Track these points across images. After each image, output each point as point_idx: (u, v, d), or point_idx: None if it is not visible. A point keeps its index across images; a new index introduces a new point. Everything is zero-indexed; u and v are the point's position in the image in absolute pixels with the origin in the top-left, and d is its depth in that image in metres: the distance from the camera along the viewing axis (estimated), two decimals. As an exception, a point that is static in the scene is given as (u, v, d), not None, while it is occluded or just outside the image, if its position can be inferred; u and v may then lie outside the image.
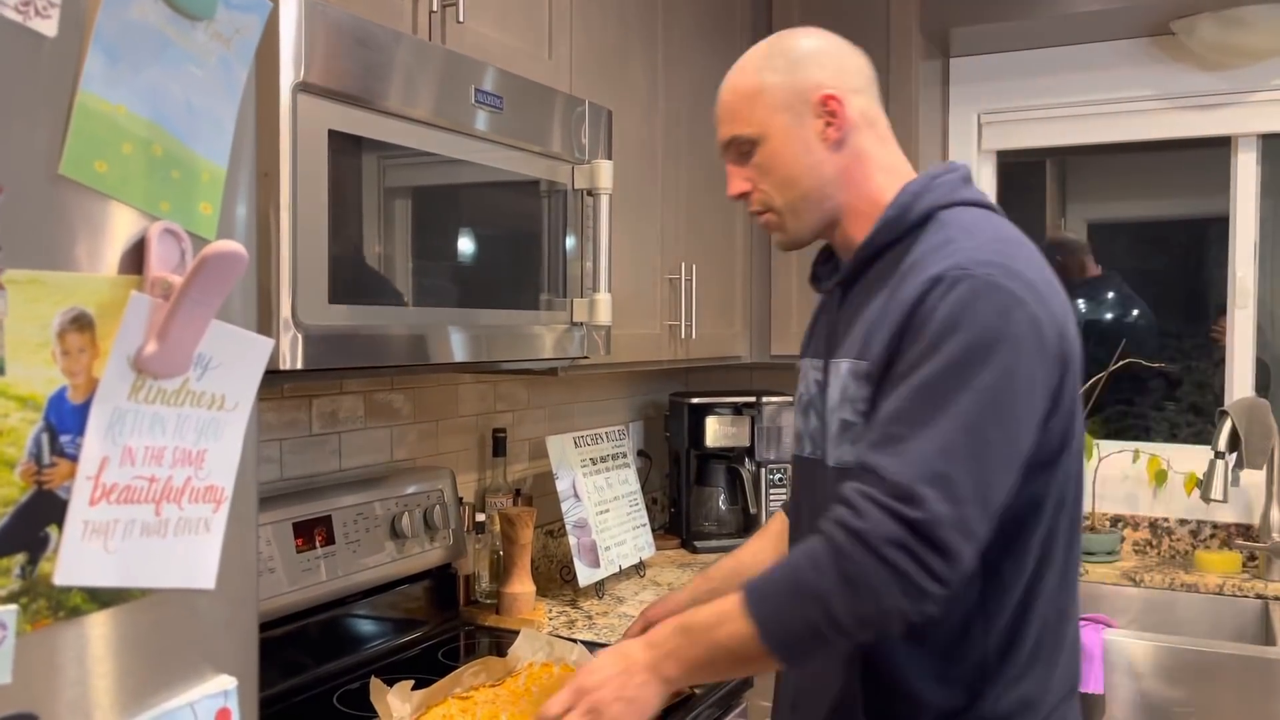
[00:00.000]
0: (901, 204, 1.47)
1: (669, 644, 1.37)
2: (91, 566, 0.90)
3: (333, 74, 1.49)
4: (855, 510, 1.27)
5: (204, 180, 0.97)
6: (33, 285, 0.83)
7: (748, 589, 1.33)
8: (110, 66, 0.87)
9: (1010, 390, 1.29)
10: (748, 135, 1.52)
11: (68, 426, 0.87)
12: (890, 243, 1.48)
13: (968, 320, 1.29)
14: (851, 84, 1.52)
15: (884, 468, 1.28)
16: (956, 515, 1.25)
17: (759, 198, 1.55)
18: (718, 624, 1.33)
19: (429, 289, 1.71)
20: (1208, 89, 3.18)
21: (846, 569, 1.25)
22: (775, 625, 1.29)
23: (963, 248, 1.37)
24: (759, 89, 1.51)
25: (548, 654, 2.02)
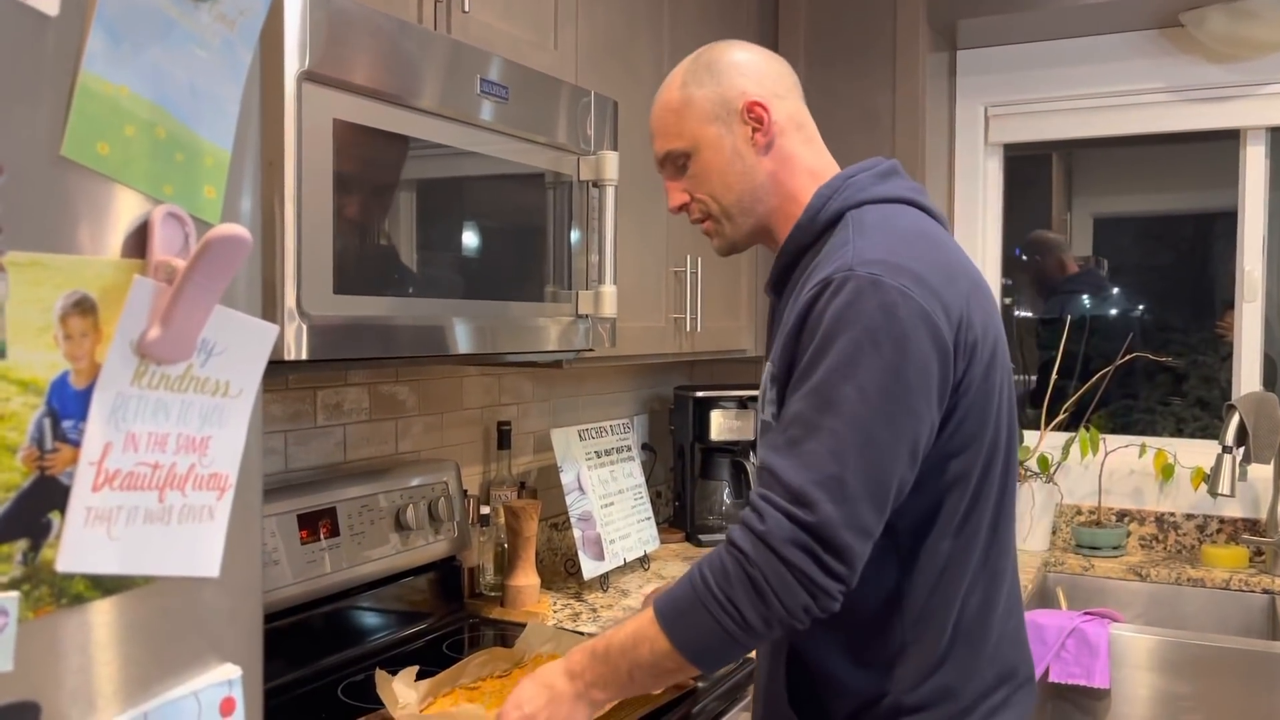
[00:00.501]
0: (812, 207, 1.53)
1: (590, 672, 1.43)
2: (94, 553, 0.89)
3: (338, 63, 1.48)
4: (758, 513, 1.32)
5: (208, 164, 0.96)
6: (34, 268, 0.82)
7: (659, 606, 1.37)
8: (112, 47, 0.86)
9: (898, 386, 1.32)
10: (680, 149, 1.57)
11: (70, 411, 0.86)
12: (805, 247, 1.53)
13: (851, 320, 1.33)
14: (775, 89, 1.56)
15: (780, 471, 1.33)
16: (848, 514, 1.30)
17: (697, 207, 1.60)
18: (634, 645, 1.38)
19: (434, 280, 1.70)
20: (1216, 81, 3.16)
21: (750, 572, 1.30)
22: (689, 637, 1.34)
23: (853, 248, 1.40)
24: (686, 103, 1.56)
25: (555, 646, 2.02)
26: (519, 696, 1.46)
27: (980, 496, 1.45)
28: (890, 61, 3.00)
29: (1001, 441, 1.47)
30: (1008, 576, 1.53)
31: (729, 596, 1.31)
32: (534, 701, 1.44)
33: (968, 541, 1.45)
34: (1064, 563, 3.12)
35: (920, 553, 1.43)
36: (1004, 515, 1.50)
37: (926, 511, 1.42)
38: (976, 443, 1.43)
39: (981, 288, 1.47)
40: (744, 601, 1.30)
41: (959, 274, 1.42)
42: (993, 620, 1.49)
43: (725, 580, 1.31)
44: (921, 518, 1.42)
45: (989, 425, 1.44)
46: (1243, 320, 3.21)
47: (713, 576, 1.33)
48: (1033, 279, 3.63)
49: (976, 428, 1.42)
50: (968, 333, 1.38)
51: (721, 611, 1.31)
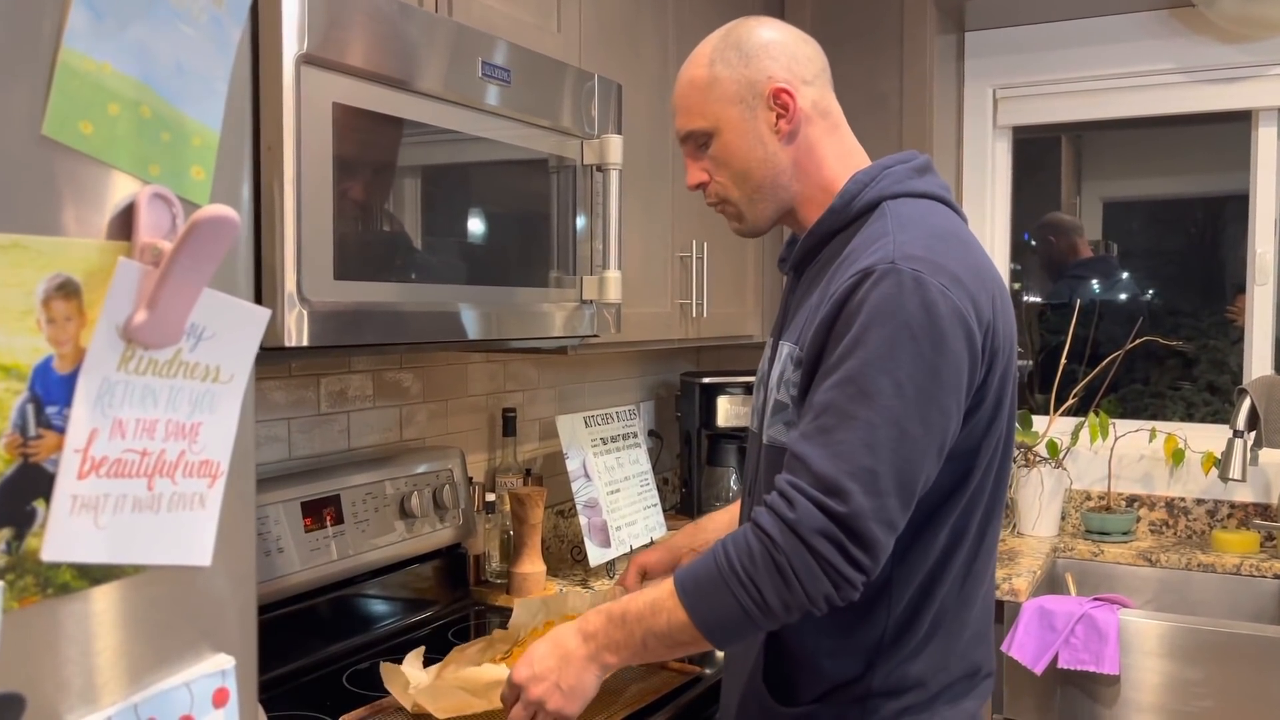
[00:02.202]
0: (847, 193, 1.52)
1: (604, 635, 1.43)
2: (81, 542, 0.87)
3: (337, 46, 1.46)
4: (787, 500, 1.33)
5: (195, 144, 0.94)
6: (15, 250, 0.80)
7: (680, 579, 1.39)
8: (95, 22, 0.84)
9: (934, 383, 1.34)
10: (702, 128, 1.56)
11: (54, 397, 0.84)
12: (835, 230, 1.53)
13: (892, 313, 1.33)
14: (803, 75, 1.54)
15: (812, 460, 1.33)
16: (878, 507, 1.31)
17: (715, 189, 1.59)
18: (652, 614, 1.39)
19: (436, 266, 1.68)
20: (1228, 62, 3.13)
21: (776, 558, 1.32)
22: (708, 612, 1.36)
23: (894, 241, 1.40)
24: (711, 82, 1.54)
25: (546, 614, 2.00)
26: (531, 655, 1.46)
27: (976, 500, 1.48)
28: (898, 44, 2.97)
29: (1000, 449, 1.50)
30: (987, 576, 1.56)
31: (752, 578, 1.32)
32: (545, 661, 1.45)
33: (958, 541, 1.47)
34: (1073, 548, 3.10)
35: (915, 548, 1.44)
36: (993, 519, 1.54)
37: (928, 509, 1.43)
38: (982, 447, 1.45)
39: (1004, 293, 1.49)
40: (767, 585, 1.32)
41: (987, 279, 1.44)
42: (968, 617, 1.52)
43: (750, 562, 1.33)
44: (922, 515, 1.42)
45: (995, 432, 1.47)
46: (1254, 304, 3.18)
47: (737, 557, 1.34)
48: (1043, 261, 3.60)
49: (984, 433, 1.45)
50: (992, 339, 1.41)
51: (743, 592, 1.33)
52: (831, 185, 1.55)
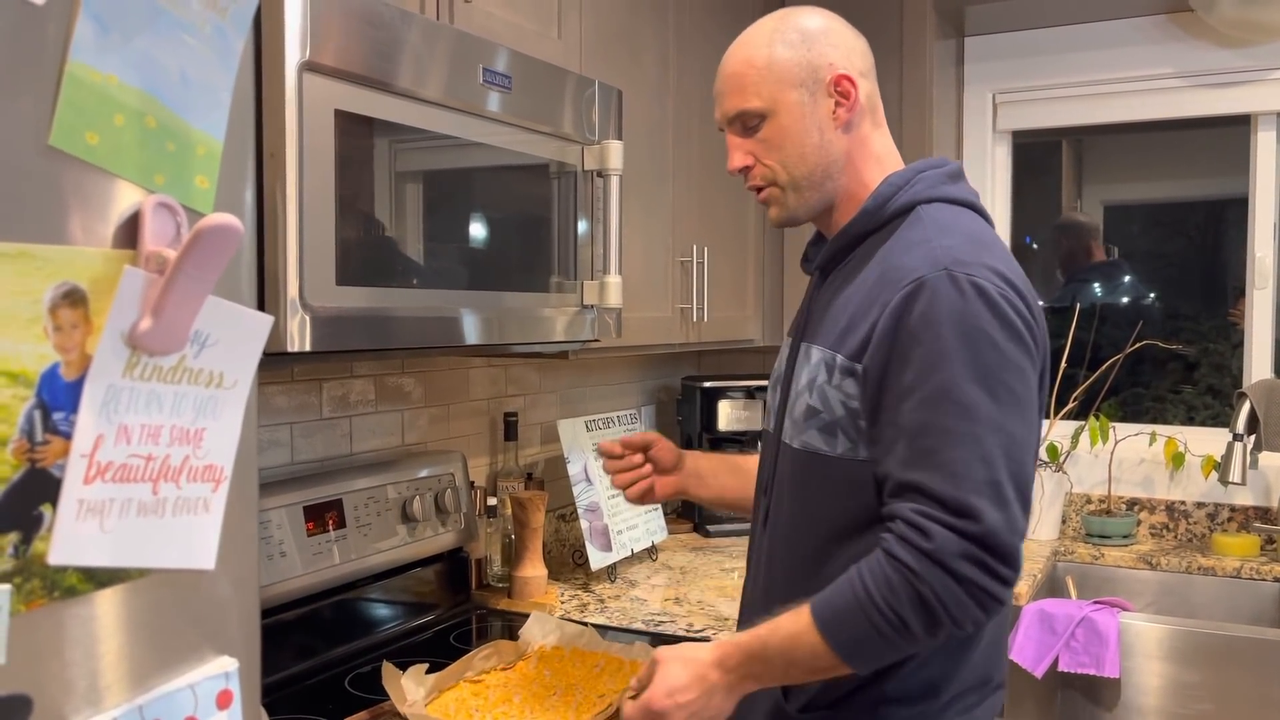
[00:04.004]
0: (881, 195, 1.49)
1: (744, 669, 1.42)
2: (87, 546, 0.88)
3: (339, 53, 1.47)
4: (919, 530, 1.30)
5: (200, 153, 0.95)
6: (23, 258, 0.81)
7: (818, 613, 1.36)
8: (101, 35, 0.86)
9: (1021, 384, 1.35)
10: (756, 109, 1.50)
11: (61, 403, 0.86)
12: (866, 233, 1.51)
13: (960, 321, 1.33)
14: (858, 66, 1.52)
15: (931, 485, 1.31)
16: (1009, 518, 1.31)
17: (761, 173, 1.55)
18: (793, 646, 1.37)
19: (438, 271, 1.69)
20: (1227, 66, 3.14)
21: (920, 590, 1.30)
22: (851, 643, 1.34)
23: (940, 246, 1.39)
24: (771, 62, 1.49)
25: (558, 637, 2.01)
26: (670, 683, 1.43)
27: None
28: (898, 48, 2.98)
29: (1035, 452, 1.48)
30: None
31: (895, 610, 1.31)
32: (688, 691, 1.42)
33: None
34: (1073, 552, 3.11)
35: None
36: None
37: None
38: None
39: (1036, 297, 1.48)
40: (911, 616, 1.30)
41: (1026, 282, 1.45)
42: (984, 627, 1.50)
43: (891, 594, 1.31)
44: None
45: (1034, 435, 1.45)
46: (1253, 307, 3.19)
47: (877, 590, 1.32)
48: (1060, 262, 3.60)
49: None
50: (1039, 344, 1.42)
51: (886, 624, 1.31)
52: (869, 183, 1.53)
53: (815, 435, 1.46)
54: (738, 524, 3.14)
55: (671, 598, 2.44)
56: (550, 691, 1.80)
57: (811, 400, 1.47)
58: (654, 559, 2.79)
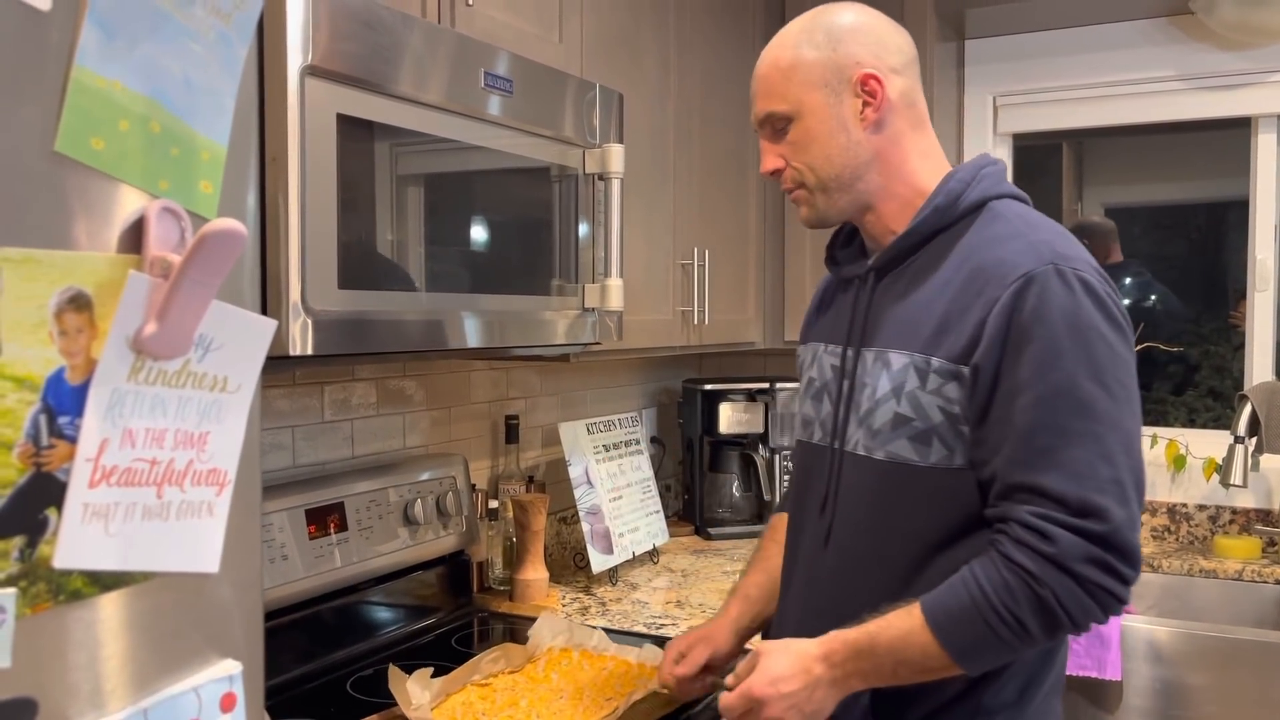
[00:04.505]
0: (951, 191, 1.46)
1: (851, 665, 1.38)
2: (92, 549, 0.89)
3: (341, 57, 1.48)
4: (1039, 533, 1.29)
5: (204, 159, 0.96)
6: (28, 264, 0.82)
7: (931, 614, 1.34)
8: (106, 41, 0.86)
9: (1129, 377, 1.34)
10: (782, 111, 1.49)
11: (66, 408, 0.86)
12: (937, 230, 1.47)
13: (1074, 317, 1.32)
14: (892, 63, 1.48)
15: (1051, 486, 1.29)
16: (1131, 515, 1.30)
17: (791, 175, 1.52)
18: (903, 645, 1.35)
19: (439, 274, 1.70)
20: (1227, 69, 3.14)
21: (1040, 593, 1.29)
22: (966, 645, 1.33)
23: (1041, 241, 1.38)
24: (796, 64, 1.47)
25: (567, 638, 2.01)
26: (773, 673, 1.40)
27: None
28: (898, 52, 2.98)
29: None
30: None
31: (1014, 613, 1.30)
32: (791, 681, 1.39)
33: None
34: (1075, 554, 3.10)
35: None
36: None
37: None
38: None
39: None
40: (1030, 618, 1.29)
41: None
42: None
43: (1010, 598, 1.30)
44: None
45: None
46: (1254, 310, 3.19)
47: (995, 593, 1.30)
48: None
49: None
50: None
51: (1003, 626, 1.30)
52: (916, 182, 1.49)
53: (905, 445, 1.42)
54: (739, 527, 3.15)
55: (673, 600, 2.45)
56: (557, 695, 1.80)
57: (900, 408, 1.42)
58: (655, 562, 2.80)
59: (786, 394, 3.14)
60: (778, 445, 3.14)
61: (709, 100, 2.75)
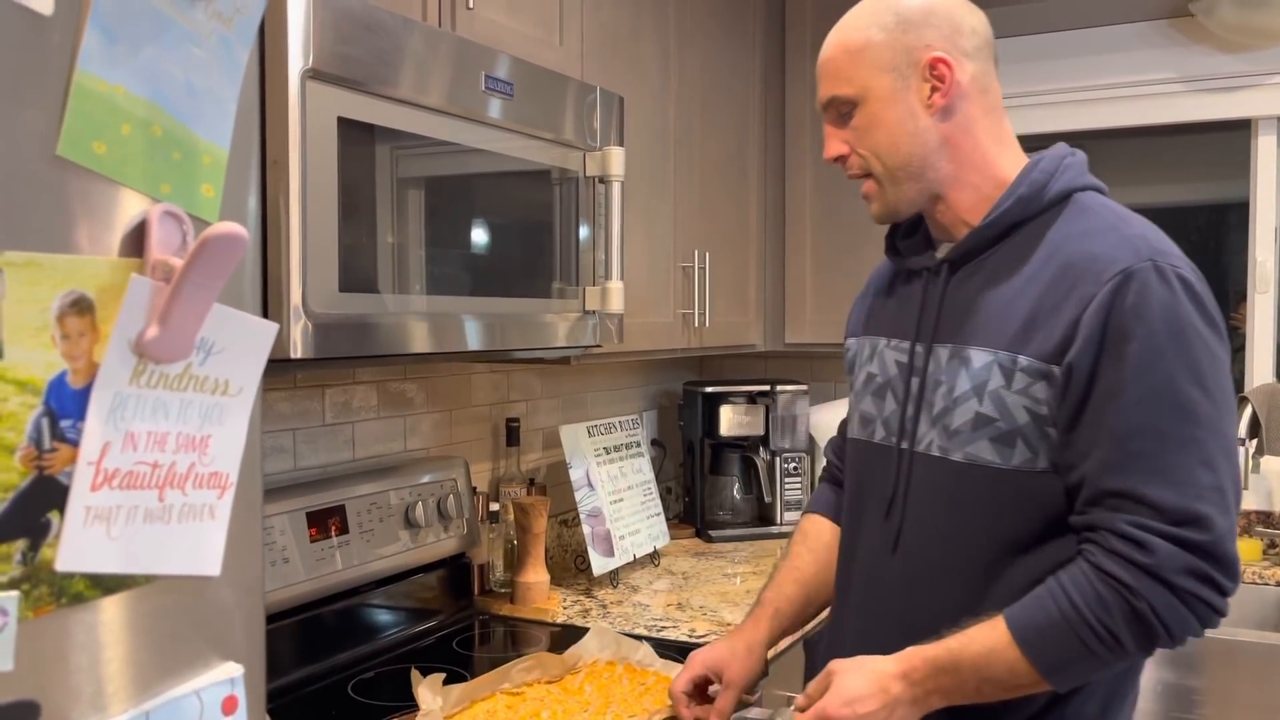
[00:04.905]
0: (1036, 181, 1.40)
1: (932, 682, 1.32)
2: (94, 552, 0.89)
3: (342, 61, 1.48)
4: (1137, 544, 1.24)
5: (205, 162, 0.96)
6: (31, 268, 0.82)
7: (1018, 629, 1.29)
8: (108, 46, 0.86)
9: (1228, 380, 1.29)
10: (847, 95, 1.43)
11: (68, 411, 0.86)
12: (1020, 221, 1.40)
13: (1175, 318, 1.27)
14: (964, 46, 1.41)
15: (1152, 494, 1.24)
16: (1231, 524, 1.25)
17: (857, 162, 1.45)
18: (988, 663, 1.30)
19: (440, 277, 1.70)
20: (1227, 71, 3.14)
21: (1136, 606, 1.24)
22: (1055, 660, 1.28)
23: (1137, 235, 1.33)
24: (863, 46, 1.41)
25: (614, 652, 1.98)
26: (849, 693, 1.33)
27: None
28: (898, 54, 2.98)
29: None
30: None
31: (1108, 628, 1.25)
32: (869, 702, 1.32)
33: None
34: (1076, 556, 3.10)
35: None
36: None
37: None
38: None
39: None
40: (1125, 632, 1.25)
41: None
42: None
43: (1104, 612, 1.25)
44: None
45: None
46: (1254, 312, 3.19)
47: (1087, 607, 1.25)
48: None
49: None
50: None
51: (1097, 640, 1.25)
52: (992, 171, 1.43)
53: (986, 446, 1.36)
54: (740, 529, 3.14)
55: (674, 603, 2.45)
56: (584, 708, 1.76)
57: (983, 408, 1.35)
58: (656, 564, 2.80)
59: (787, 396, 3.14)
60: (778, 448, 3.14)
61: (709, 103, 2.75)
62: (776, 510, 3.14)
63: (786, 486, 3.14)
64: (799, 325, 3.14)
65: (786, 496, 3.14)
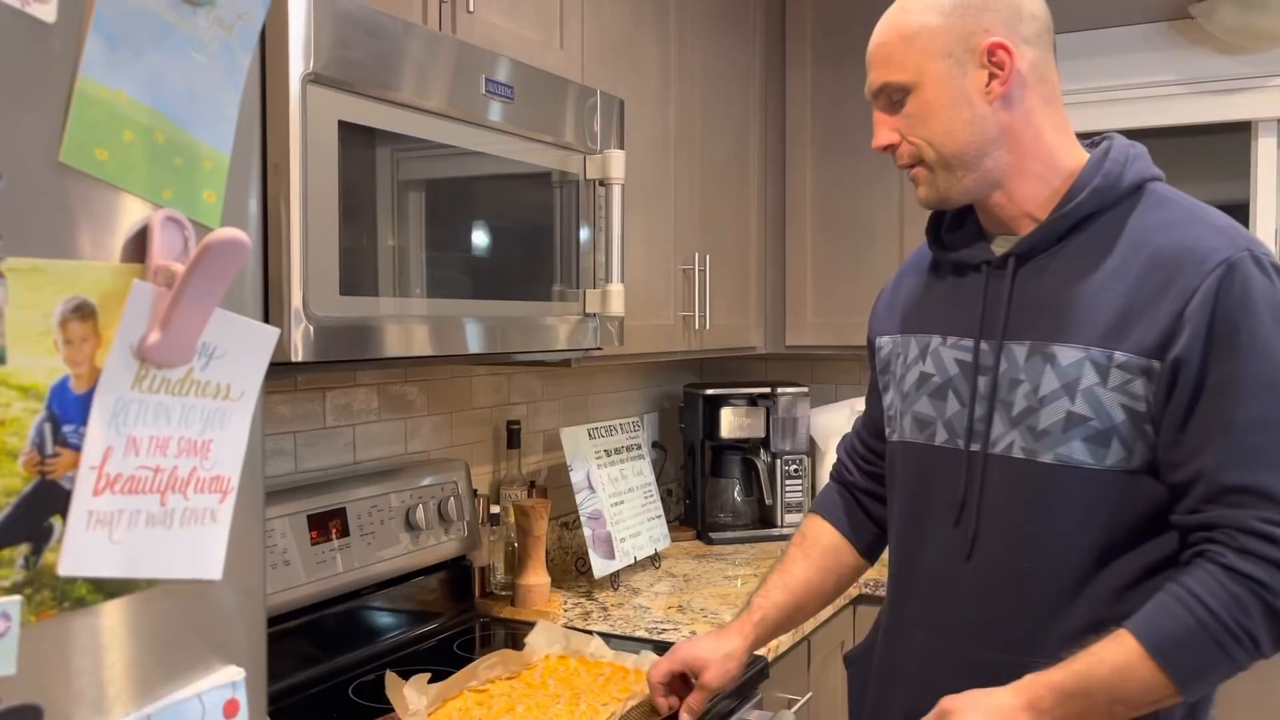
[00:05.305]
0: (1110, 172, 1.36)
1: (1062, 709, 1.26)
2: (96, 557, 0.89)
3: (342, 65, 1.48)
4: (1269, 540, 1.21)
5: (207, 168, 0.96)
6: (34, 273, 0.82)
7: (1152, 642, 1.24)
8: (110, 52, 0.87)
9: None
10: (900, 82, 1.38)
11: (71, 416, 0.87)
12: (1092, 213, 1.36)
13: (1276, 308, 1.25)
14: (1024, 32, 1.36)
15: (1275, 488, 1.22)
16: None
17: (908, 150, 1.41)
18: (1122, 682, 1.24)
19: (441, 280, 1.70)
20: (1227, 73, 3.14)
21: (1273, 604, 1.21)
22: (1193, 670, 1.24)
23: (1227, 225, 1.31)
24: (918, 31, 1.36)
25: (564, 646, 2.02)
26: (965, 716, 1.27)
27: None
28: (898, 57, 2.98)
29: None
30: None
31: (1247, 630, 1.21)
32: None
33: None
34: (1076, 558, 3.10)
35: None
36: None
37: None
38: None
39: None
40: (1263, 633, 1.22)
41: None
42: None
43: (1242, 613, 1.21)
44: None
45: None
46: (1255, 313, 3.19)
47: (1224, 610, 1.21)
48: None
49: None
50: None
51: (1235, 644, 1.22)
52: (1055, 160, 1.39)
53: (1079, 447, 1.32)
54: (740, 531, 3.15)
55: (675, 605, 2.45)
56: (554, 700, 1.80)
57: (1075, 407, 1.31)
58: (657, 566, 2.80)
59: (788, 398, 3.14)
60: (779, 450, 3.15)
61: (710, 105, 2.75)
62: (777, 512, 3.15)
63: (787, 489, 3.15)
64: (799, 327, 3.15)
65: (787, 499, 3.14)
